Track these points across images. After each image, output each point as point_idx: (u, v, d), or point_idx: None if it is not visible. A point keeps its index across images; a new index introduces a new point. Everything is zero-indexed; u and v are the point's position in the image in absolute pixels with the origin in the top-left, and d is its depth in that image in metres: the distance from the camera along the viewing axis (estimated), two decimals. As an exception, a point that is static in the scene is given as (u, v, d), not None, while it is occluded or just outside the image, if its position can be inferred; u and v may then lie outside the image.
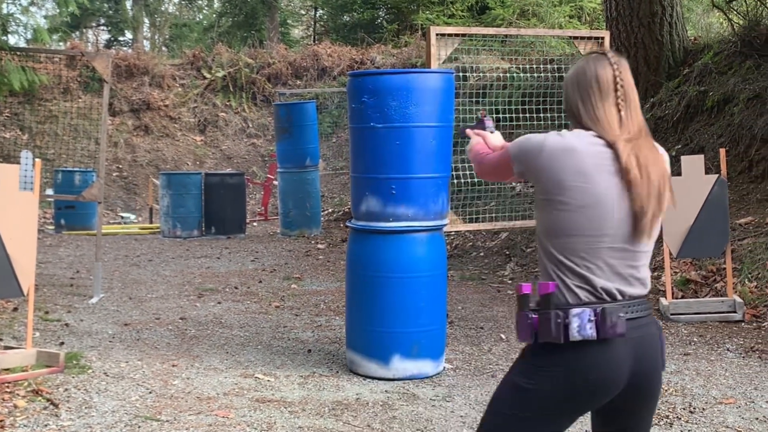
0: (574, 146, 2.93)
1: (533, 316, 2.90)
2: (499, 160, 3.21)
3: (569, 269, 2.91)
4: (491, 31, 7.29)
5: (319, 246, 13.69)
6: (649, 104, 12.72)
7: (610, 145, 2.92)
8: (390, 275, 6.42)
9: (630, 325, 2.88)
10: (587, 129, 2.98)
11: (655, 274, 9.44)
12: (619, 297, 2.91)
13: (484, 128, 3.60)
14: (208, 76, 23.17)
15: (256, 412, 5.72)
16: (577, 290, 2.90)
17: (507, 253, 11.47)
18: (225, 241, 14.79)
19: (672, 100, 12.28)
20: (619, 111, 2.97)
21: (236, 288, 10.30)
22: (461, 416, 5.74)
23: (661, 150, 3.09)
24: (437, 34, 6.81)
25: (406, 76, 6.49)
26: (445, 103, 6.51)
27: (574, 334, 2.83)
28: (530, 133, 3.19)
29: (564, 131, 3.01)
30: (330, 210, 16.83)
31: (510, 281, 10.43)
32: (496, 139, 3.57)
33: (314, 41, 29.94)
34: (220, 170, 19.73)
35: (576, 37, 7.71)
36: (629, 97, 3.00)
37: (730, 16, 13.05)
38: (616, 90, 2.98)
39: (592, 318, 2.84)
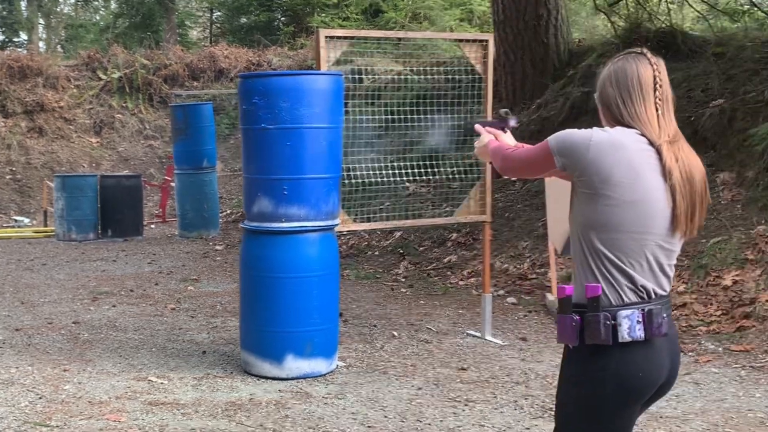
0: (623, 142, 2.89)
1: (577, 318, 2.87)
2: (536, 155, 3.10)
3: (615, 265, 2.86)
4: (379, 33, 7.26)
5: (217, 247, 13.50)
6: (535, 105, 12.82)
7: (652, 144, 2.90)
8: (283, 275, 6.35)
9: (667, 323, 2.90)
10: (629, 127, 2.95)
11: (542, 270, 9.60)
12: (653, 295, 2.89)
13: (502, 127, 3.51)
14: (103, 77, 22.42)
15: (149, 414, 5.60)
16: (621, 289, 2.86)
17: (401, 252, 11.48)
18: (122, 244, 14.37)
19: (557, 101, 12.37)
20: (657, 111, 2.95)
21: (132, 291, 10.03)
22: (353, 413, 5.71)
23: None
24: (326, 37, 6.74)
25: (296, 77, 6.51)
26: (335, 104, 6.48)
27: (625, 336, 2.82)
28: (423, 134, 3.18)
29: (607, 128, 2.98)
30: (228, 211, 16.59)
31: (403, 279, 10.44)
32: (509, 138, 3.51)
33: (211, 43, 29.51)
34: (117, 172, 19.22)
35: (461, 40, 7.69)
36: (667, 98, 2.98)
37: (612, 19, 13.23)
38: (655, 90, 2.95)
39: (641, 319, 2.83)
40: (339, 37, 6.88)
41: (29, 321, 8.42)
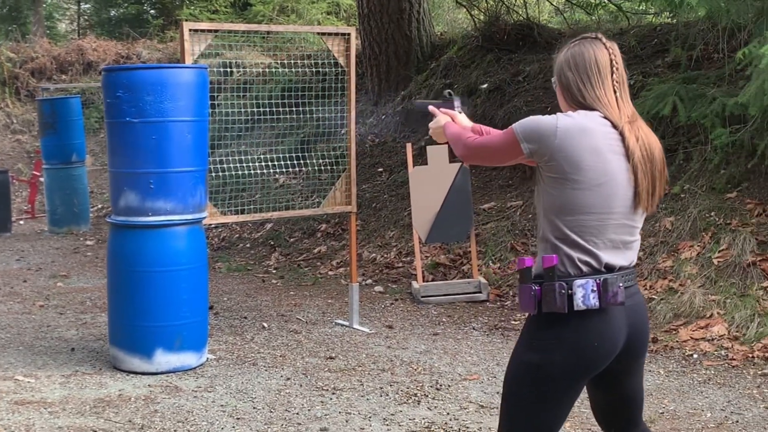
0: (588, 126, 2.94)
1: (536, 287, 2.93)
2: (501, 143, 3.10)
3: (577, 245, 2.93)
4: (244, 26, 7.15)
5: (88, 242, 13.00)
6: (400, 97, 12.85)
7: (615, 127, 2.95)
8: (150, 269, 6.19)
9: (625, 293, 2.95)
10: (591, 109, 2.99)
11: (408, 259, 9.63)
12: (615, 269, 2.97)
13: (451, 107, 3.45)
14: None
15: (15, 414, 5.38)
16: (581, 264, 2.93)
17: (272, 243, 11.36)
18: None
19: (421, 93, 12.41)
20: (615, 93, 3.00)
21: None
22: (222, 405, 5.63)
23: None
24: (191, 30, 6.59)
25: (160, 71, 6.34)
26: (200, 97, 6.35)
27: (579, 304, 2.88)
28: (292, 126, 3.12)
29: (570, 112, 3.01)
30: (100, 206, 15.92)
31: (274, 270, 10.32)
32: (464, 119, 3.50)
33: (79, 36, 28.51)
34: None
35: (324, 33, 7.64)
36: (623, 81, 3.04)
37: (472, 12, 13.32)
38: (612, 73, 3.00)
39: (595, 288, 2.89)
40: (203, 30, 6.73)
41: None
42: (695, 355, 6.46)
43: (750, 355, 6.30)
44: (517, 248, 9.01)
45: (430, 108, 3.53)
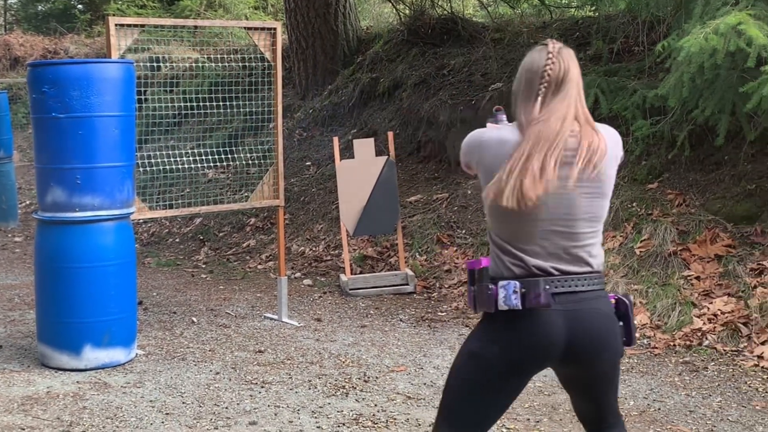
0: (507, 138, 2.99)
1: (472, 288, 3.07)
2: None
3: (505, 250, 2.99)
4: (170, 21, 7.04)
5: (16, 239, 12.58)
6: (327, 91, 12.77)
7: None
8: (78, 265, 6.06)
9: (563, 298, 2.95)
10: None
11: (336, 252, 9.57)
12: (555, 273, 2.96)
13: (496, 122, 3.49)
14: None
15: (-64, 415, 5.22)
16: (513, 267, 2.98)
17: (201, 238, 11.21)
18: None
19: (348, 87, 12.38)
20: (536, 99, 2.96)
21: None
22: (151, 401, 5.54)
23: (605, 131, 3.05)
24: (116, 25, 6.47)
25: (85, 66, 6.19)
26: (127, 92, 6.23)
27: (501, 304, 2.95)
28: (220, 121, 3.11)
29: (503, 125, 3.16)
30: (28, 202, 15.28)
31: (204, 265, 10.19)
32: None
33: (6, 31, 27.69)
34: None
35: (250, 28, 7.56)
36: (554, 84, 2.96)
37: (398, 7, 13.27)
38: (541, 78, 2.96)
39: (518, 290, 2.93)
40: (130, 25, 6.61)
41: None
42: (619, 344, 6.49)
43: (671, 344, 6.39)
44: (443, 240, 9.00)
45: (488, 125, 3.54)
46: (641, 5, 7.77)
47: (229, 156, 9.51)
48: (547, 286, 2.92)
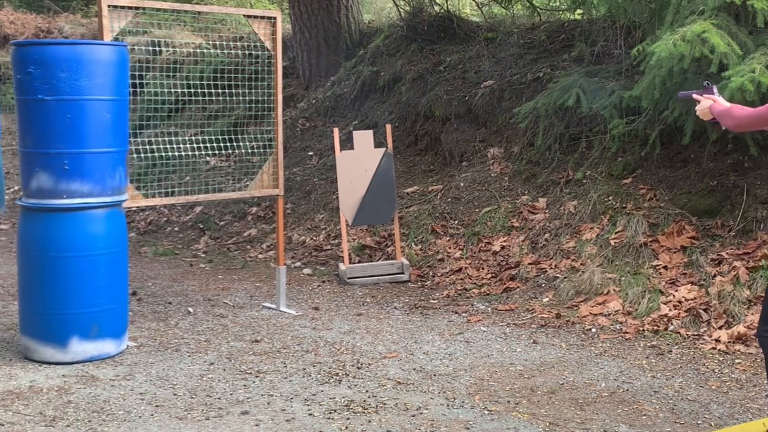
0: None
1: None
2: (763, 112, 3.76)
3: None
4: (165, 5, 6.58)
5: (2, 227, 11.86)
6: (329, 83, 12.47)
7: None
8: (65, 254, 5.59)
9: None
10: None
11: (336, 241, 9.29)
12: None
13: (711, 93, 4.23)
14: None
15: None
16: None
17: (201, 227, 10.76)
18: None
19: (350, 79, 12.09)
20: None
21: None
22: (141, 393, 5.16)
23: None
24: (109, 6, 6.01)
25: (75, 47, 5.69)
26: (120, 76, 5.77)
27: None
28: (222, 109, 2.71)
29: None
30: (16, 188, 14.16)
31: (203, 255, 9.75)
32: (723, 101, 4.19)
33: None
34: None
35: (250, 16, 7.18)
36: None
37: (398, 2, 13.03)
38: None
39: None
40: (123, 7, 6.15)
41: None
42: (593, 330, 6.61)
43: (641, 329, 6.54)
44: (437, 230, 8.88)
45: (694, 96, 4.28)
46: (620, 11, 8.02)
47: (231, 144, 9.17)
48: None
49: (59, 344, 5.64)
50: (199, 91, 7.48)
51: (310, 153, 11.47)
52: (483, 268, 8.07)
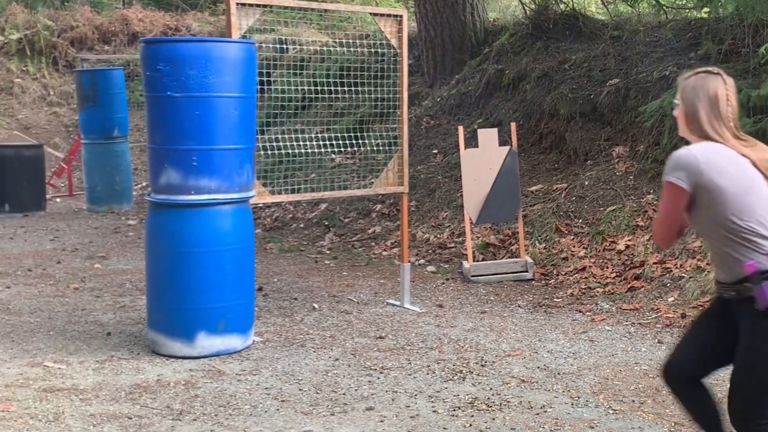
0: (714, 146, 3.16)
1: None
2: (667, 199, 3.21)
3: (762, 236, 3.09)
4: (293, 3, 6.53)
5: (130, 222, 11.98)
6: (454, 81, 12.32)
7: (733, 148, 3.17)
8: (193, 250, 5.57)
9: None
10: (710, 140, 3.19)
11: (460, 239, 9.13)
12: None
13: None
14: (0, 38, 19.17)
15: (43, 402, 4.79)
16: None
17: (326, 224, 10.75)
18: (21, 220, 12.14)
19: (474, 77, 11.93)
20: (730, 123, 3.22)
21: (30, 270, 8.61)
22: (266, 388, 5.11)
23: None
24: (237, 4, 5.97)
25: (203, 44, 5.67)
26: (247, 73, 5.73)
27: None
28: (348, 107, 2.73)
29: (693, 146, 3.21)
30: (144, 184, 14.44)
31: (328, 251, 9.70)
32: None
33: (124, 5, 24.50)
34: (16, 141, 15.36)
35: (376, 14, 7.14)
36: (736, 113, 3.24)
37: (523, 1, 12.79)
38: (727, 107, 3.22)
39: None
40: (252, 5, 6.10)
41: None
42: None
43: None
44: (561, 229, 8.72)
45: None
46: (748, 9, 7.86)
47: (356, 142, 9.11)
48: None
49: (186, 339, 5.62)
50: (324, 88, 7.42)
51: (435, 151, 11.35)
52: (607, 267, 7.89)
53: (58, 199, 14.28)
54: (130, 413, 4.65)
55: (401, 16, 7.01)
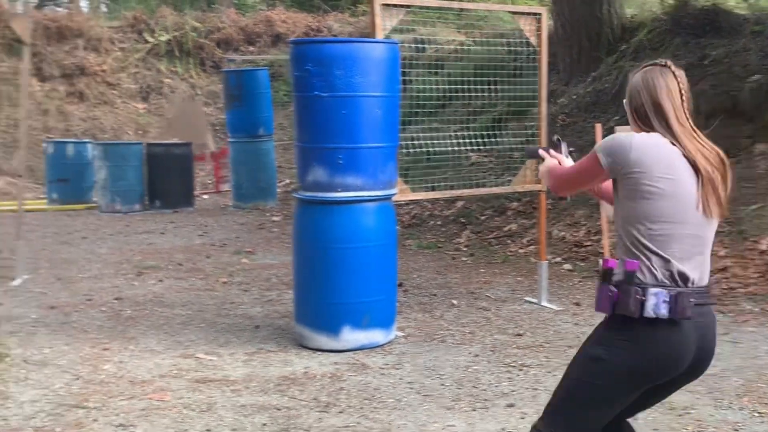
0: (660, 142, 2.89)
1: (614, 289, 2.82)
2: (583, 165, 3.04)
3: (653, 252, 2.81)
4: (435, 3, 6.60)
5: (274, 218, 12.19)
6: (590, 78, 12.16)
7: (680, 145, 2.89)
8: (339, 246, 5.67)
9: (696, 311, 2.82)
10: (654, 131, 2.93)
11: (596, 237, 8.95)
12: (689, 283, 2.85)
13: (560, 152, 3.46)
14: (150, 39, 19.73)
15: (195, 393, 4.95)
16: (657, 271, 2.81)
17: (463, 221, 10.74)
18: (170, 216, 12.50)
19: (611, 75, 11.73)
20: (683, 117, 2.94)
21: (180, 264, 8.86)
22: (409, 382, 5.15)
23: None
24: (382, 5, 6.05)
25: (350, 45, 5.84)
26: (391, 73, 5.79)
27: (649, 311, 2.77)
28: (485, 105, 2.74)
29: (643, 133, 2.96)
30: (287, 181, 14.67)
31: (465, 248, 9.69)
32: (569, 162, 3.45)
33: (268, 6, 24.89)
34: (166, 140, 15.38)
35: (516, 13, 7.19)
36: (688, 105, 2.97)
37: (662, -3, 12.53)
38: (681, 100, 2.94)
39: (667, 299, 2.78)
40: (395, 6, 6.17)
41: (66, 298, 7.34)
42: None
43: None
44: None
45: (540, 152, 3.51)
46: None
47: (493, 140, 9.08)
48: (692, 299, 2.80)
49: (332, 332, 5.72)
50: (462, 87, 7.43)
51: (571, 149, 11.15)
52: (749, 268, 7.60)
53: (205, 196, 14.69)
54: (279, 405, 4.75)
55: (540, 14, 7.01)
